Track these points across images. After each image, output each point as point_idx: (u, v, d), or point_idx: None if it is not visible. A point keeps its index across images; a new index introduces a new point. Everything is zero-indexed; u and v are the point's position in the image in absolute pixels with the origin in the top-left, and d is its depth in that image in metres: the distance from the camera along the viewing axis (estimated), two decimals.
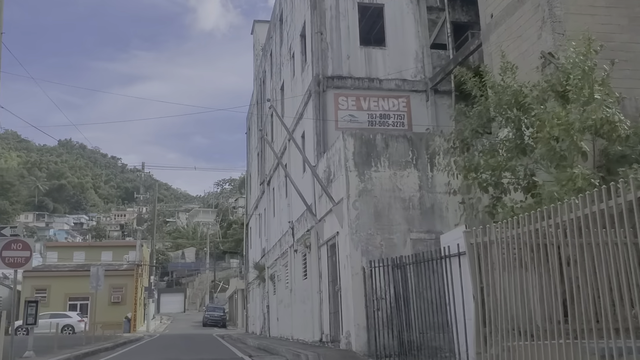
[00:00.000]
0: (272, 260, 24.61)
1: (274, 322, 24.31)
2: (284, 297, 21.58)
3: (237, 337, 28.56)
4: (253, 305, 33.28)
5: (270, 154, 26.73)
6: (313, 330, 16.02)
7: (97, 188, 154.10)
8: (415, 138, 13.06)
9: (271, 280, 25.00)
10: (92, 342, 24.51)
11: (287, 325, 20.50)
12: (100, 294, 43.65)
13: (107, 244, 56.71)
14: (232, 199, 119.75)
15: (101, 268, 26.01)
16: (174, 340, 27.58)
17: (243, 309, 45.71)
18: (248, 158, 38.63)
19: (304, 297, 17.53)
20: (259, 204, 31.27)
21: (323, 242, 14.71)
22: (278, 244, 23.07)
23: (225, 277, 78.77)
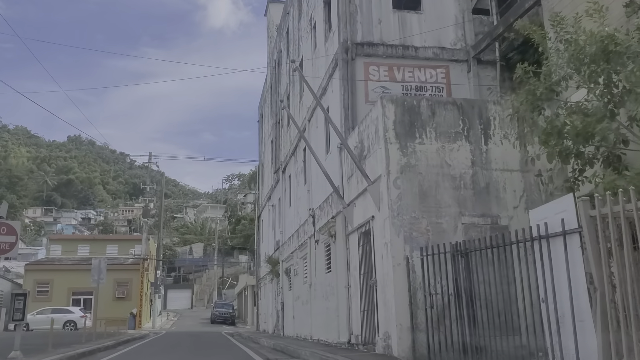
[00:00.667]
0: (288, 253, 22.70)
1: (289, 320, 22.41)
2: (301, 293, 19.68)
3: (248, 336, 26.68)
4: (265, 302, 31.41)
5: (285, 140, 24.82)
6: (338, 330, 14.09)
7: (105, 184, 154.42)
8: (466, 105, 11.08)
9: (286, 274, 23.10)
10: (93, 339, 22.74)
11: (305, 324, 18.59)
12: (105, 289, 42.01)
13: (112, 237, 55.08)
14: (240, 195, 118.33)
15: (103, 260, 24.18)
16: (180, 339, 25.76)
17: (253, 306, 43.86)
18: (260, 147, 36.74)
19: (326, 293, 15.60)
20: (273, 194, 29.37)
21: (353, 229, 12.78)
22: (295, 235, 21.16)
23: (234, 273, 77.00)
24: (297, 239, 20.52)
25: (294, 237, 21.42)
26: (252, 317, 44.25)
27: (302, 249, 19.48)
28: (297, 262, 20.80)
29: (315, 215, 17.22)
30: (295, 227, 21.38)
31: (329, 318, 15.22)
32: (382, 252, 10.62)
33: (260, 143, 36.56)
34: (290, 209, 23.18)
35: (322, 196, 16.52)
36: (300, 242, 19.79)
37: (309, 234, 18.14)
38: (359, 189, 12.22)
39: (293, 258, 21.71)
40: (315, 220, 17.15)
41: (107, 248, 46.30)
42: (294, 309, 21.28)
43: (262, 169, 35.35)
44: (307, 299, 18.52)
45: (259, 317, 34.34)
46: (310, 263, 18.03)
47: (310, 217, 17.80)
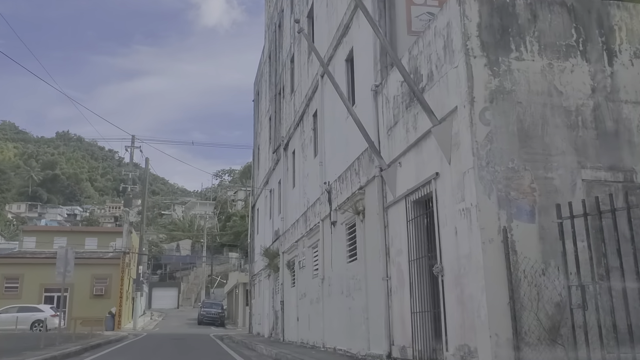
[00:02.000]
0: (291, 243, 19.04)
1: (291, 323, 18.75)
2: (309, 289, 16.03)
3: (240, 340, 22.97)
4: (259, 301, 27.70)
5: (288, 111, 21.17)
6: (368, 338, 10.46)
7: (93, 181, 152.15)
8: (579, 8, 7.47)
9: (288, 268, 19.43)
10: (57, 343, 19.03)
11: (316, 328, 14.95)
12: (81, 286, 38.14)
13: (91, 229, 51.11)
14: (231, 192, 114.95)
15: (71, 250, 20.39)
16: (161, 343, 22.01)
17: (245, 306, 40.12)
18: (255, 128, 33.04)
19: (348, 288, 11.97)
20: (271, 177, 25.70)
21: (397, 199, 9.15)
22: (301, 220, 17.52)
23: (224, 271, 73.13)
24: (305, 224, 16.87)
25: (299, 223, 17.77)
26: (243, 318, 40.50)
27: (312, 235, 15.83)
28: (303, 253, 17.14)
29: (331, 190, 13.57)
30: (301, 210, 17.75)
31: (352, 321, 11.59)
32: (458, 224, 7.00)
33: (256, 124, 32.88)
34: (294, 191, 19.52)
35: (341, 165, 12.89)
36: (309, 228, 16.14)
37: (322, 216, 14.50)
38: (409, 140, 8.59)
39: (298, 248, 18.05)
40: (332, 197, 13.50)
41: (86, 241, 42.36)
42: (298, 308, 17.62)
43: (258, 153, 31.64)
44: (318, 296, 14.87)
45: (252, 318, 30.62)
46: (324, 252, 14.38)
47: (325, 194, 14.16)
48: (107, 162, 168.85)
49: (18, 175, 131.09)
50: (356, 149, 11.76)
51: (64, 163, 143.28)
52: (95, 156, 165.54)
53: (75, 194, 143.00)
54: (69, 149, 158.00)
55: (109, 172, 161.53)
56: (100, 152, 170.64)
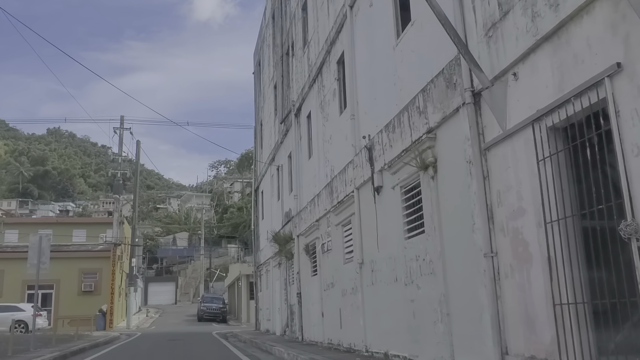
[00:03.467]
0: (309, 223, 15.80)
1: (313, 319, 15.56)
2: (340, 277, 12.82)
3: (248, 339, 19.80)
4: (268, 293, 24.50)
5: (300, 69, 17.90)
6: (451, 342, 7.27)
7: (86, 177, 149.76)
8: None
9: (307, 253, 16.20)
10: (31, 348, 15.92)
11: (352, 326, 11.76)
12: (68, 282, 34.81)
13: (79, 220, 47.78)
14: (227, 184, 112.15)
15: (46, 237, 17.13)
16: (156, 345, 18.82)
17: (249, 300, 36.96)
18: (257, 103, 29.72)
19: (409, 273, 8.76)
20: (278, 153, 22.44)
21: (512, 129, 5.92)
22: (324, 194, 14.27)
23: (223, 264, 69.95)
24: (329, 197, 13.63)
25: (321, 198, 14.53)
26: (247, 313, 37.35)
27: (341, 210, 12.58)
28: (328, 233, 13.91)
29: (373, 146, 10.33)
30: (322, 182, 14.52)
31: (418, 318, 8.40)
32: None
33: (257, 97, 29.56)
34: (311, 162, 16.29)
35: (388, 111, 9.67)
36: (337, 201, 12.89)
37: (358, 183, 11.26)
38: (540, 30, 5.35)
39: (319, 228, 14.82)
40: (375, 155, 10.26)
41: (73, 233, 39.08)
42: (323, 302, 14.42)
43: (261, 130, 28.33)
44: (354, 285, 11.65)
45: (259, 314, 27.44)
46: (361, 228, 11.16)
47: (362, 153, 10.93)
48: (100, 158, 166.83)
49: (8, 172, 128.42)
50: (414, 82, 8.54)
51: (56, 159, 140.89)
52: (88, 152, 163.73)
53: (67, 190, 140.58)
54: (60, 145, 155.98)
55: (102, 168, 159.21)
56: (93, 149, 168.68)
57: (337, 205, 12.81)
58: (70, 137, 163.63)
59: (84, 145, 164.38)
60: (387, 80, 10.00)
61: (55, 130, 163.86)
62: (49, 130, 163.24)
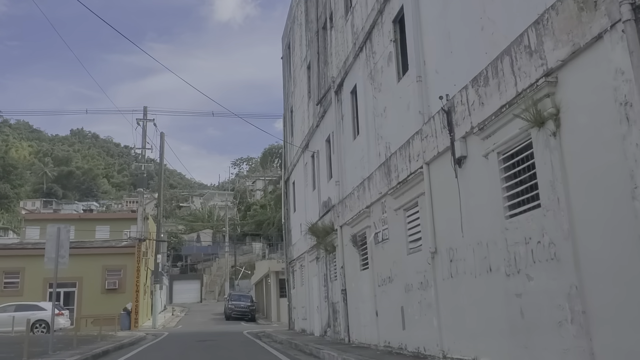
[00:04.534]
0: (357, 210, 13.98)
1: (364, 318, 13.73)
2: (401, 270, 10.98)
3: (286, 340, 18.08)
4: (303, 290, 22.74)
5: (342, 40, 16.08)
6: (591, 350, 5.40)
7: (109, 177, 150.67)
8: None
9: (355, 245, 14.37)
10: (50, 351, 14.44)
11: (422, 326, 9.92)
12: (91, 279, 33.41)
13: (102, 216, 46.50)
14: (249, 182, 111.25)
15: (65, 228, 15.59)
16: (187, 346, 17.18)
17: (279, 298, 35.32)
18: (287, 88, 27.97)
19: (511, 260, 6.91)
20: (313, 138, 20.66)
21: None
22: (377, 175, 12.45)
23: (247, 261, 68.51)
24: (385, 179, 11.80)
25: (373, 181, 12.72)
26: (277, 312, 35.69)
27: (403, 192, 10.75)
28: (383, 220, 12.07)
29: (453, 107, 8.48)
30: (375, 163, 12.70)
31: (529, 318, 6.55)
32: None
33: (287, 82, 27.81)
34: (357, 142, 14.48)
35: (474, 61, 7.83)
36: (397, 182, 11.05)
37: (430, 156, 9.42)
38: None
39: (371, 215, 12.99)
40: (456, 118, 8.41)
41: (96, 229, 37.80)
42: (377, 299, 12.59)
43: (291, 117, 26.58)
44: (423, 280, 9.81)
45: (293, 312, 25.72)
46: (434, 211, 9.32)
47: (436, 120, 9.08)
48: (123, 159, 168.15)
49: (32, 172, 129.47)
50: (516, 19, 6.72)
51: (80, 160, 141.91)
52: (111, 153, 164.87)
53: (91, 189, 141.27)
54: (84, 146, 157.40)
55: (125, 168, 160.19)
56: (116, 149, 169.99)
57: (397, 187, 10.97)
58: (93, 138, 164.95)
59: (107, 146, 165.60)
60: (470, 27, 8.14)
61: (79, 131, 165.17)
62: (72, 132, 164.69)
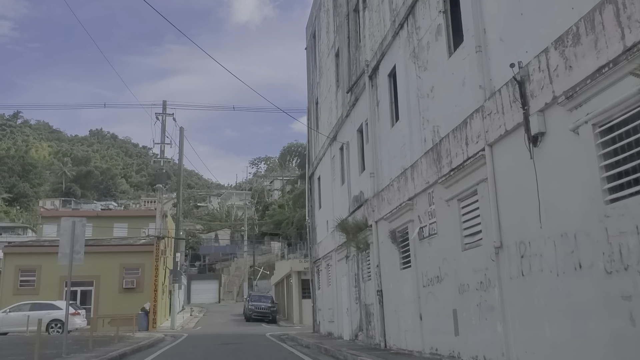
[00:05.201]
0: (398, 202, 12.74)
1: (403, 322, 12.48)
2: (453, 269, 9.72)
3: (313, 344, 16.89)
4: (330, 291, 21.53)
5: (378, 20, 14.84)
6: None
7: (127, 177, 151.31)
8: None
9: (394, 242, 13.12)
10: (63, 354, 13.45)
11: (479, 332, 8.67)
12: (108, 278, 32.49)
13: (120, 213, 45.80)
14: (267, 182, 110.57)
15: (80, 222, 14.61)
16: (209, 349, 16.06)
17: (301, 299, 34.16)
18: (312, 79, 26.81)
19: (628, 254, 5.61)
20: (342, 129, 19.46)
21: None
22: (422, 164, 11.20)
23: (266, 262, 67.47)
24: (433, 167, 10.55)
25: (417, 171, 11.48)
26: (299, 314, 34.52)
27: (457, 180, 9.50)
28: (431, 213, 10.82)
29: (528, 76, 7.20)
30: (419, 150, 11.47)
31: None
32: None
33: (312, 73, 26.65)
34: (397, 128, 13.25)
35: (554, 20, 6.55)
36: (449, 169, 9.80)
37: (495, 136, 8.16)
38: None
39: (415, 209, 11.74)
40: (531, 89, 7.14)
41: (114, 227, 36.97)
42: (421, 301, 11.32)
43: (316, 109, 25.40)
44: (483, 279, 8.55)
45: (317, 314, 24.50)
46: (498, 199, 8.06)
47: (503, 93, 7.82)
48: (142, 159, 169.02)
49: (52, 172, 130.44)
50: None
51: (98, 160, 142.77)
52: (130, 153, 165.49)
53: (109, 189, 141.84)
54: (102, 146, 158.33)
55: (144, 168, 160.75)
56: (135, 149, 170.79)
57: (450, 175, 9.71)
58: (112, 139, 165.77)
59: (125, 146, 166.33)
60: None
61: (98, 132, 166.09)
62: (91, 132, 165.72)
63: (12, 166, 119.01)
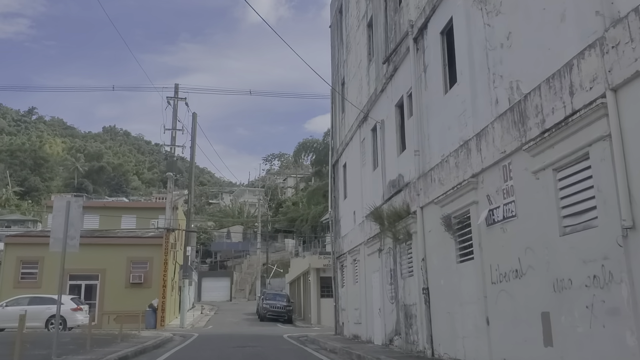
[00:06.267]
0: (456, 182, 10.54)
1: (461, 327, 10.25)
2: (545, 260, 7.48)
3: (341, 349, 14.73)
4: (357, 289, 19.32)
5: None
6: None
7: (139, 174, 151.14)
8: None
9: (449, 230, 10.88)
10: (53, 356, 11.44)
11: (588, 344, 6.43)
12: (115, 272, 30.47)
13: (128, 204, 43.75)
14: (280, 179, 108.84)
15: (76, 202, 12.50)
16: (225, 355, 13.91)
17: (320, 298, 32.01)
18: (336, 59, 24.61)
19: None
20: (376, 106, 17.26)
21: None
22: (495, 129, 8.99)
23: (279, 259, 65.44)
24: (513, 132, 8.34)
25: (486, 140, 9.29)
26: (317, 313, 32.35)
27: (551, 144, 7.27)
28: (507, 191, 8.60)
29: None
30: (486, 116, 9.28)
31: None
32: None
33: (338, 52, 24.45)
34: (453, 94, 11.08)
35: None
36: (538, 132, 7.59)
37: (622, 77, 5.93)
38: None
39: (480, 188, 9.53)
40: None
41: (122, 219, 35.02)
42: (488, 301, 9.09)
43: (342, 90, 23.21)
44: (595, 272, 6.30)
45: (340, 315, 22.31)
46: (628, 164, 5.85)
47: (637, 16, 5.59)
48: (154, 156, 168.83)
49: (65, 168, 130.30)
50: None
51: (111, 156, 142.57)
52: (142, 150, 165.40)
53: (121, 185, 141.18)
54: (115, 143, 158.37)
55: (156, 165, 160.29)
56: (147, 147, 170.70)
57: (542, 138, 7.48)
58: (124, 136, 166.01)
59: (137, 143, 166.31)
60: None
61: (111, 129, 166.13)
62: (104, 129, 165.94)
63: (24, 160, 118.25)
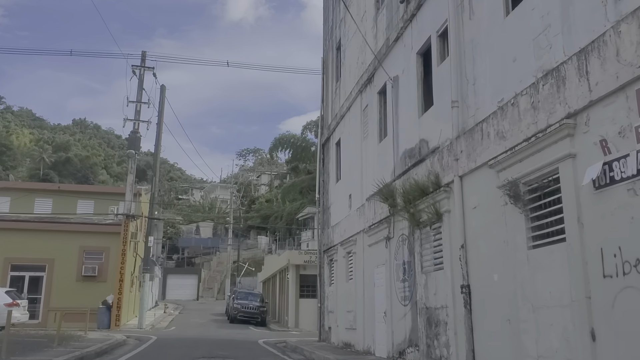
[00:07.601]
0: (528, 133, 7.26)
1: (532, 343, 6.95)
2: None
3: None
4: (351, 288, 15.96)
5: None
6: None
7: (108, 168, 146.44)
8: None
9: (519, 202, 7.58)
10: None
11: None
12: (65, 263, 26.77)
13: (85, 188, 39.73)
14: (254, 176, 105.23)
15: None
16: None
17: (298, 299, 28.56)
18: (331, 21, 21.21)
19: None
20: (388, 58, 13.92)
21: None
22: (618, 33, 5.70)
23: (252, 257, 61.80)
24: None
25: (598, 53, 6.00)
26: (295, 316, 28.84)
27: None
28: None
29: None
30: (597, 27, 5.99)
31: None
32: None
33: (333, 12, 21.09)
34: (522, 11, 7.80)
35: None
36: None
37: None
38: None
39: (584, 132, 6.27)
40: None
41: (78, 205, 31.04)
42: (594, 305, 5.81)
43: (337, 56, 19.88)
44: None
45: (328, 318, 18.92)
46: None
47: None
48: (124, 151, 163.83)
49: (31, 160, 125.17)
50: None
51: (80, 149, 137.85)
52: (112, 144, 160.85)
53: (88, 178, 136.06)
54: (84, 136, 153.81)
55: (125, 160, 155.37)
56: (117, 141, 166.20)
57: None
58: (94, 129, 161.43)
59: (108, 137, 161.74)
60: None
61: (81, 122, 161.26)
62: (74, 121, 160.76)
63: None
